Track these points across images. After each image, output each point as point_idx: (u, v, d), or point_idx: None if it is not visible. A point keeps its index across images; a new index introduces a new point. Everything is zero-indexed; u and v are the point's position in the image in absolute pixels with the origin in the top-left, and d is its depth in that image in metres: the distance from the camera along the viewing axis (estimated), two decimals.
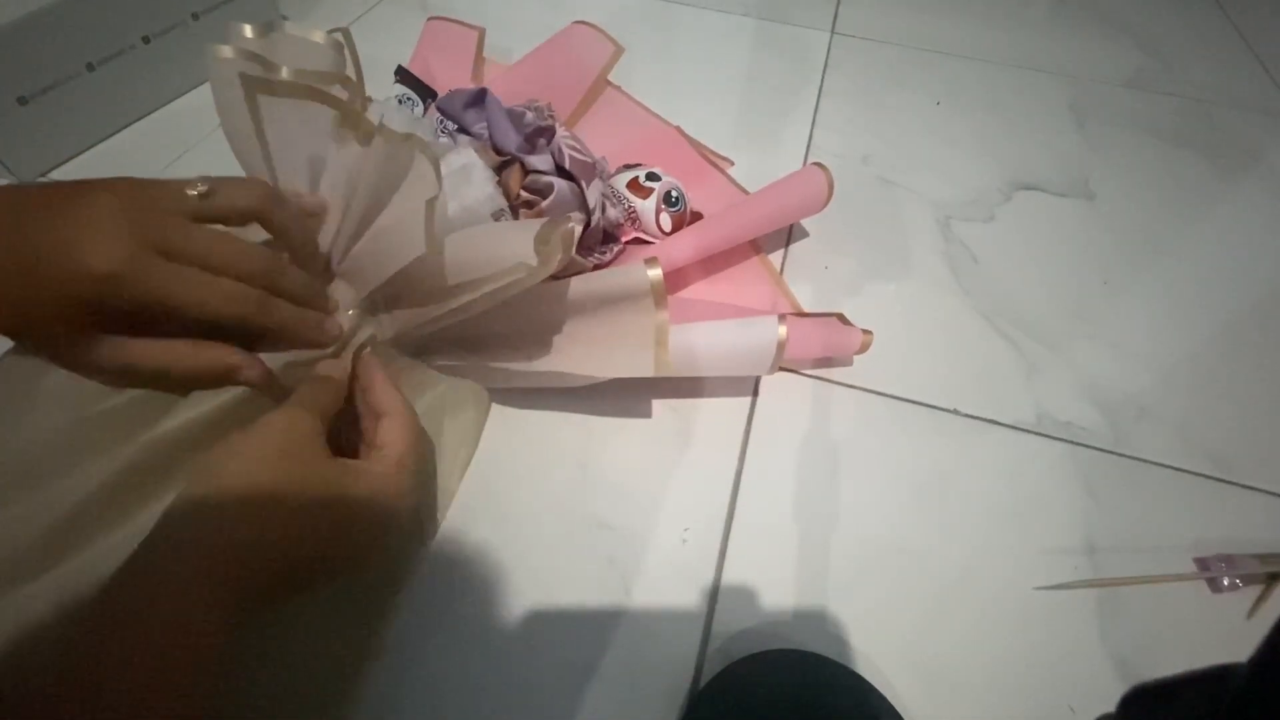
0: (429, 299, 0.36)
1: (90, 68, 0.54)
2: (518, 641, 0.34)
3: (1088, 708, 0.33)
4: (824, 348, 0.45)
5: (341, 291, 0.37)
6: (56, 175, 0.54)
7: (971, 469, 0.41)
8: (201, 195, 0.29)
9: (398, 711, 0.32)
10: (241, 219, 0.31)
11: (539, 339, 0.39)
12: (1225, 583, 0.37)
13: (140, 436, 0.30)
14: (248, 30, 0.36)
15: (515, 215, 0.44)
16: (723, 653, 0.34)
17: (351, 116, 0.34)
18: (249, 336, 0.32)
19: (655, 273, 0.35)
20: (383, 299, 0.38)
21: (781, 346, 0.39)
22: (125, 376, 0.29)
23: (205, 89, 0.63)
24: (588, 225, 0.45)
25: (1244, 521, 0.40)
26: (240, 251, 0.29)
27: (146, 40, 0.57)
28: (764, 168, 0.59)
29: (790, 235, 0.54)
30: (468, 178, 0.42)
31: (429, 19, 0.63)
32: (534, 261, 0.32)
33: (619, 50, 0.58)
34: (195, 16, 0.60)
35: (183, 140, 0.57)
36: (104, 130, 0.57)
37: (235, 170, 0.38)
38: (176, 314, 0.27)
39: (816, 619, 0.35)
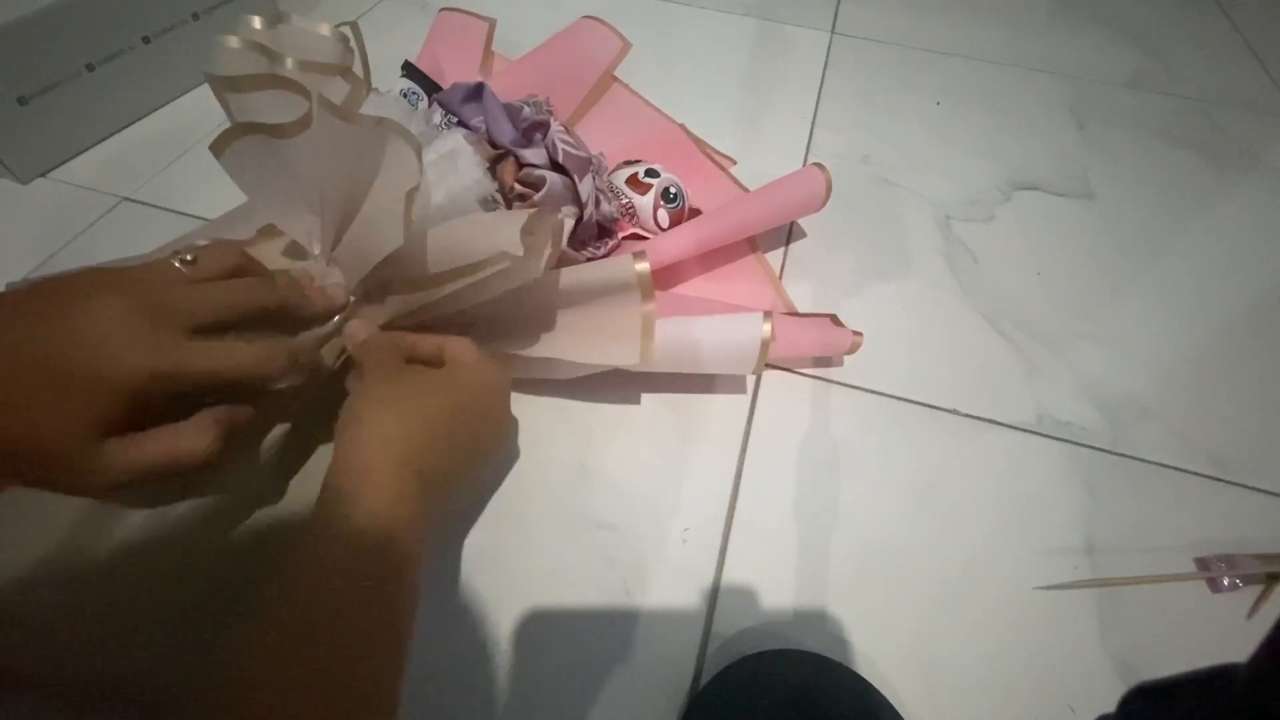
0: (419, 286, 0.36)
1: (90, 68, 0.54)
2: (518, 642, 0.34)
3: (1088, 708, 0.33)
4: (814, 347, 0.45)
5: (334, 278, 0.37)
6: (56, 175, 0.54)
7: (971, 469, 0.41)
8: (186, 263, 0.29)
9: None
10: (229, 275, 0.31)
11: (528, 327, 0.39)
12: (1225, 583, 0.37)
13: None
14: (256, 22, 0.36)
15: (509, 206, 0.44)
16: (723, 653, 0.34)
17: (327, 104, 0.34)
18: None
19: (643, 266, 0.35)
20: (375, 285, 0.38)
21: (766, 344, 0.39)
22: (128, 477, 0.28)
23: (205, 89, 0.63)
24: (580, 219, 0.45)
25: (1244, 521, 0.40)
26: (244, 291, 0.30)
27: (146, 40, 0.57)
28: (763, 167, 0.59)
29: (790, 235, 0.54)
30: (454, 164, 0.41)
31: (441, 10, 0.63)
32: (519, 251, 0.32)
33: (626, 45, 0.58)
34: (195, 16, 0.60)
35: (182, 140, 0.57)
36: (104, 130, 0.57)
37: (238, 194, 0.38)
38: (212, 389, 0.28)
39: (816, 619, 0.35)
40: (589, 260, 0.46)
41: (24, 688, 0.27)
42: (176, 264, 0.29)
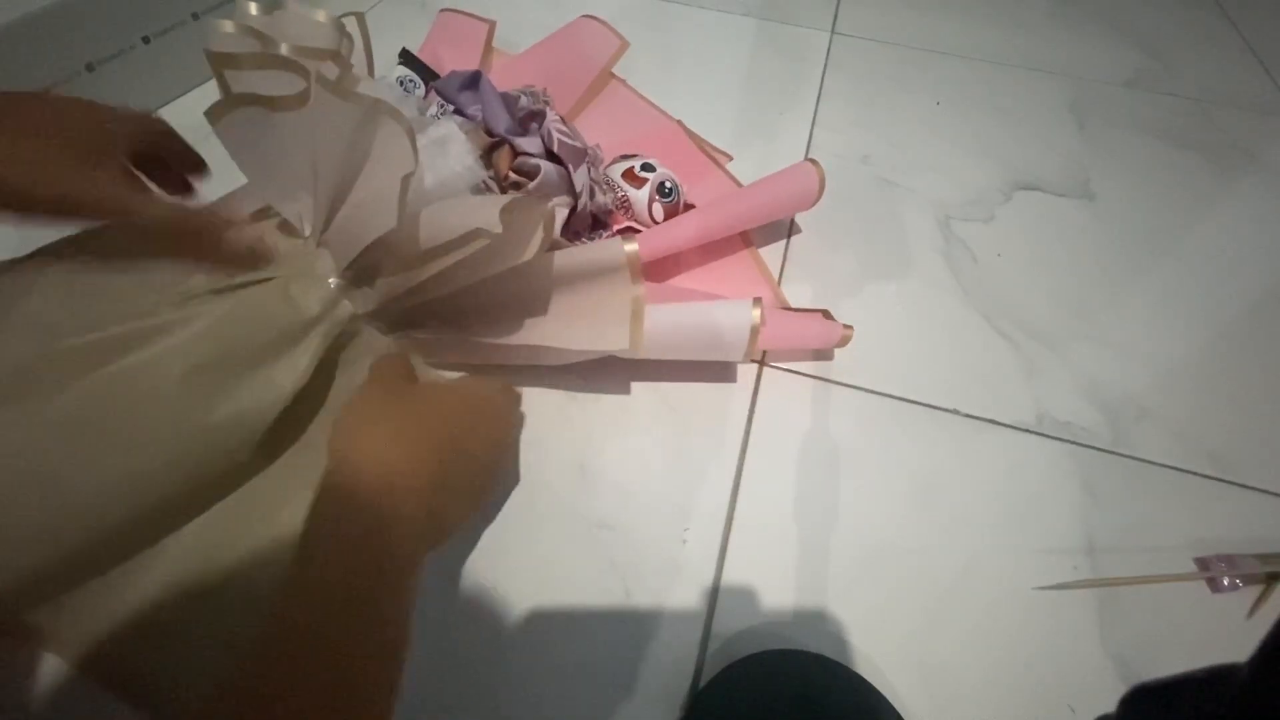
0: (404, 266, 0.36)
1: (90, 68, 0.54)
2: (518, 642, 0.34)
3: (1088, 708, 0.33)
4: (804, 339, 0.45)
5: (324, 261, 0.38)
6: None
7: (971, 469, 0.41)
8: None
9: (397, 713, 0.31)
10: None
11: (517, 314, 0.39)
12: (1225, 583, 0.37)
13: (106, 368, 0.31)
14: (252, 8, 0.37)
15: (503, 194, 0.44)
16: (723, 653, 0.34)
17: (324, 80, 0.34)
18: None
19: (631, 247, 0.35)
20: (363, 269, 0.38)
21: (755, 330, 0.39)
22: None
23: (205, 89, 0.63)
24: (575, 210, 0.45)
25: (1244, 521, 0.40)
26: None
27: (146, 40, 0.57)
28: (764, 168, 0.59)
29: (790, 235, 0.54)
30: (444, 150, 0.41)
31: (441, 10, 0.63)
32: (496, 229, 0.32)
33: (624, 44, 0.58)
34: (195, 16, 0.60)
35: None
36: None
37: (238, 177, 0.38)
38: None
39: (816, 619, 0.35)
40: None
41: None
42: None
